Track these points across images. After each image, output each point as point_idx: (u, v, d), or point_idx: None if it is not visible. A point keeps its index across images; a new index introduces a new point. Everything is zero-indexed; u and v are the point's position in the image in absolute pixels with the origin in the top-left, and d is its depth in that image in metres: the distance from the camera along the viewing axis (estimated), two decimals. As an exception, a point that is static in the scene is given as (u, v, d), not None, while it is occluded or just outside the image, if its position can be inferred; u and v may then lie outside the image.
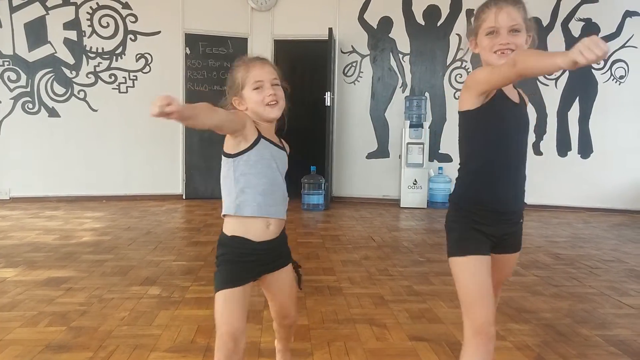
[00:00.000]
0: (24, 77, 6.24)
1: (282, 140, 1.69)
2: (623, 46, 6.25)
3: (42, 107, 6.31)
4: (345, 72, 6.77)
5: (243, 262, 1.50)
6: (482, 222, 1.46)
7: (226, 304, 1.45)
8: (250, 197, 1.50)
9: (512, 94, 1.49)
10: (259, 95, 1.52)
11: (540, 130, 6.49)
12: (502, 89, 1.44)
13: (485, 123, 1.46)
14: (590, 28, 6.30)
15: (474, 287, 1.42)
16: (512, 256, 1.55)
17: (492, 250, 1.48)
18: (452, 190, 1.58)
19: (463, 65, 6.53)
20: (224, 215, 1.54)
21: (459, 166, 1.56)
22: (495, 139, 1.46)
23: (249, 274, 1.52)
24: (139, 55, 6.48)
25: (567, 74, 6.37)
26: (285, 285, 1.64)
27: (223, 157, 1.53)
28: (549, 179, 6.45)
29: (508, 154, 1.48)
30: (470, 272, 1.43)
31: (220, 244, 1.54)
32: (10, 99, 6.22)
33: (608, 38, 6.27)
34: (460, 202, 1.50)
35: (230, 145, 1.50)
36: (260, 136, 1.52)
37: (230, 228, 1.53)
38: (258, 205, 1.51)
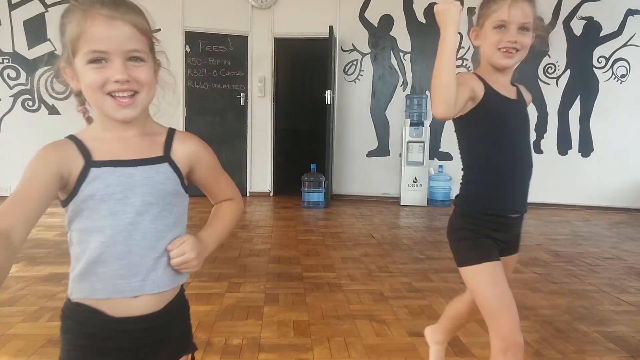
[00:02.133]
0: (23, 74, 6.25)
1: (173, 139, 1.01)
2: (625, 45, 6.25)
3: (42, 104, 6.32)
4: (346, 70, 6.77)
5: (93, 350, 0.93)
6: (493, 229, 1.39)
7: None
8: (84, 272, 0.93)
9: (507, 91, 1.41)
10: (94, 77, 0.89)
11: (541, 129, 6.50)
12: (494, 87, 1.37)
13: (482, 125, 1.38)
14: (592, 26, 6.31)
15: (496, 296, 1.35)
16: (514, 257, 1.50)
17: (513, 249, 1.47)
18: (456, 194, 1.49)
19: (464, 64, 6.53)
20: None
21: (462, 171, 1.48)
22: (496, 140, 1.38)
23: None
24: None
25: (568, 72, 6.38)
26: None
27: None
28: (549, 177, 6.46)
29: (513, 154, 1.40)
30: (491, 280, 1.35)
31: (63, 316, 0.97)
32: (10, 96, 6.23)
33: (610, 37, 6.28)
34: (469, 209, 1.42)
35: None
36: (88, 164, 0.92)
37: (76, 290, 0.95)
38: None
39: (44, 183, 0.88)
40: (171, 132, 1.01)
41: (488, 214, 1.39)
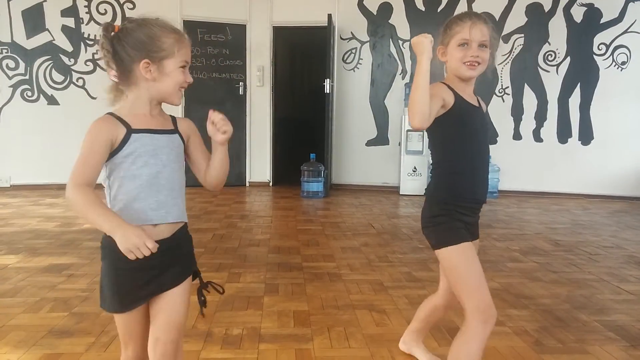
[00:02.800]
0: (22, 64, 6.21)
1: (176, 120, 1.39)
2: (625, 32, 6.21)
3: (41, 94, 6.29)
4: (345, 59, 6.74)
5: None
6: (464, 213, 1.59)
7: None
8: (124, 205, 1.26)
9: (471, 98, 1.63)
10: (180, 77, 1.30)
11: (541, 117, 6.47)
12: (461, 95, 1.58)
13: (455, 126, 1.59)
14: (592, 13, 6.26)
15: (474, 272, 1.52)
16: (477, 242, 1.66)
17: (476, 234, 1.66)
18: (429, 186, 1.68)
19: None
20: None
21: (432, 166, 1.70)
22: (466, 138, 1.60)
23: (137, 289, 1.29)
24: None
25: (568, 59, 6.34)
26: (175, 299, 1.33)
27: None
28: (549, 166, 6.46)
29: (479, 150, 1.62)
30: (468, 258, 1.53)
31: (102, 246, 1.30)
32: (9, 86, 6.20)
33: (610, 24, 6.23)
34: (445, 198, 1.59)
35: None
36: (130, 131, 1.26)
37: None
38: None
39: (102, 147, 1.22)
40: (172, 116, 1.39)
41: (462, 201, 1.59)
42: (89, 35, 6.33)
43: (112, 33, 1.27)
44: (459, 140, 1.60)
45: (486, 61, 1.58)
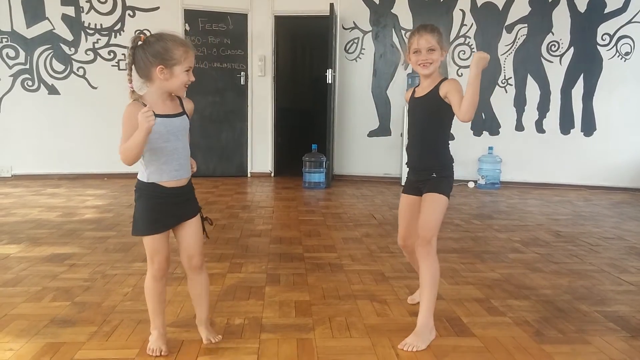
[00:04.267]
0: (22, 53, 6.19)
1: (182, 101, 1.88)
2: (629, 22, 6.17)
3: (41, 84, 6.28)
4: (347, 48, 6.70)
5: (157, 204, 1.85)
6: (410, 173, 2.25)
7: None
8: (155, 167, 1.80)
9: (419, 91, 2.17)
10: (185, 78, 1.78)
11: (544, 108, 6.45)
12: (415, 89, 2.20)
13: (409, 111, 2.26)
14: (596, 3, 6.21)
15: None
16: (427, 195, 2.12)
17: (418, 192, 2.19)
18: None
19: (467, 42, 6.46)
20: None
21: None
22: (409, 121, 2.25)
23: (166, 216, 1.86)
24: (137, 32, 6.41)
25: (571, 50, 6.30)
26: (193, 228, 1.91)
27: None
28: (551, 157, 6.44)
29: (414, 129, 2.21)
30: (401, 202, 2.31)
31: (137, 189, 1.86)
32: (10, 76, 6.19)
33: (614, 14, 6.18)
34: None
35: None
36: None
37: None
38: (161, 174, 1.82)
39: (135, 124, 1.65)
40: (179, 99, 1.88)
41: (408, 165, 2.27)
42: (89, 24, 6.30)
43: (139, 42, 1.73)
44: (409, 121, 2.29)
45: (437, 60, 2.08)
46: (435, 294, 2.06)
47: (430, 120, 2.13)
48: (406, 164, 2.28)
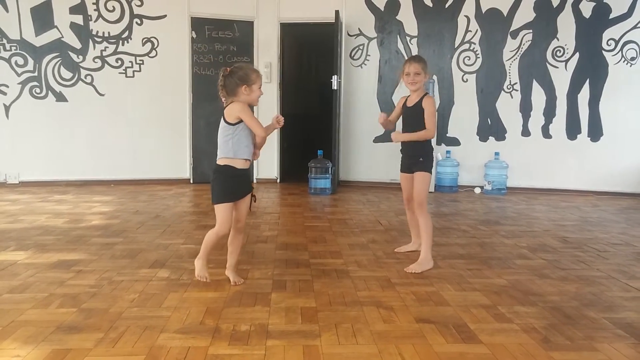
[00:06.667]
0: (31, 61, 6.25)
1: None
2: (634, 27, 6.15)
3: (49, 91, 6.33)
4: (352, 55, 6.72)
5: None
6: (404, 157, 3.30)
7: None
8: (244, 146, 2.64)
9: (409, 101, 3.22)
10: (259, 92, 2.67)
11: (550, 113, 6.43)
12: (406, 100, 3.25)
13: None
14: (601, 8, 6.20)
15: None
16: (417, 173, 3.17)
17: (410, 171, 3.23)
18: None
19: (471, 48, 6.46)
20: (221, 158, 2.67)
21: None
22: (403, 122, 3.30)
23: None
24: (145, 40, 6.46)
25: (577, 55, 6.29)
26: (246, 202, 2.72)
27: (224, 123, 2.64)
28: (558, 163, 6.41)
29: (407, 128, 3.23)
30: (400, 178, 3.37)
31: (215, 171, 2.67)
32: (18, 83, 6.24)
33: (619, 19, 6.17)
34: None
35: (233, 118, 2.61)
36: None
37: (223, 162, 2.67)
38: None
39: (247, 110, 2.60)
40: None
41: (402, 151, 3.35)
42: (97, 32, 6.36)
43: (227, 72, 2.58)
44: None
45: (422, 81, 3.11)
46: (430, 236, 3.13)
47: (418, 122, 3.14)
48: (400, 150, 3.30)
